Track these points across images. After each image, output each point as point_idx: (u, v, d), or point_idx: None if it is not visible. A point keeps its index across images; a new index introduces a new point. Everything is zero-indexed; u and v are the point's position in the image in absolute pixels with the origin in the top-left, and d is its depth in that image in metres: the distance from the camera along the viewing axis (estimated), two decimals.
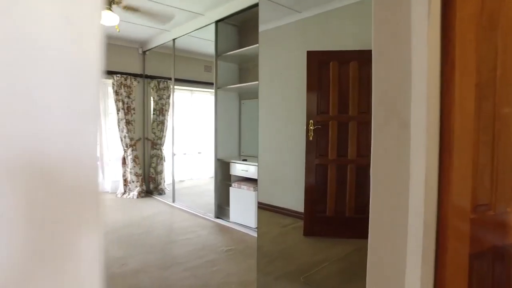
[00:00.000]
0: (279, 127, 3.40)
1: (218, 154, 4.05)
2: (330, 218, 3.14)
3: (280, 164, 3.48)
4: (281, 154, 3.48)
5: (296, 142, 3.34)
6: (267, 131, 3.49)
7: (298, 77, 3.27)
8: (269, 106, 3.43)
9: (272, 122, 3.44)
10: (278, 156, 3.51)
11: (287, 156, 3.43)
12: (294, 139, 3.34)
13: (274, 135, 3.47)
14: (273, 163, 3.54)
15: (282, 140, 3.42)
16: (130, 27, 4.52)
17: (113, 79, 5.07)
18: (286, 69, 3.39)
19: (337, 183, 3.12)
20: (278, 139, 3.45)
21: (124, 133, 5.17)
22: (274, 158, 3.50)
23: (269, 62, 3.42)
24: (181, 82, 5.36)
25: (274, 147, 3.52)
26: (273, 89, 3.41)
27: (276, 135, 3.45)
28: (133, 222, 3.80)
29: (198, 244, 3.10)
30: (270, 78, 3.40)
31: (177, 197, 4.80)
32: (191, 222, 3.86)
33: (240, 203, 3.67)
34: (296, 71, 3.30)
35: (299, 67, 3.22)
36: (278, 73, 3.42)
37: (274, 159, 3.52)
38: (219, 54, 3.97)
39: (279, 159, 3.51)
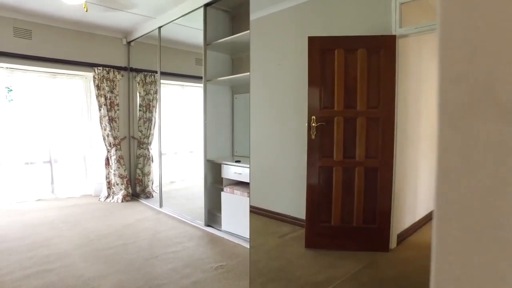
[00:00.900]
0: (276, 123, 2.99)
1: (208, 155, 3.64)
2: (335, 228, 2.75)
3: (277, 165, 3.07)
4: (279, 154, 3.06)
5: (296, 141, 2.93)
6: (263, 128, 3.08)
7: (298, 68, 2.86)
8: (265, 100, 3.01)
9: (269, 118, 3.03)
10: (275, 156, 3.09)
11: (285, 156, 3.02)
12: (294, 137, 2.93)
13: (271, 133, 3.05)
14: (269, 164, 3.12)
15: (280, 138, 3.01)
16: (110, 14, 4.08)
17: (94, 72, 4.62)
18: (284, 59, 2.96)
19: (344, 188, 2.73)
20: (275, 137, 3.04)
21: (107, 131, 4.74)
22: (271, 158, 3.09)
23: (264, 51, 3.00)
24: (170, 76, 4.92)
25: (271, 146, 3.10)
26: (269, 81, 2.99)
27: (273, 133, 3.04)
28: (112, 232, 3.38)
29: (183, 260, 2.69)
30: (265, 69, 2.98)
31: (165, 201, 4.39)
32: (178, 230, 3.44)
33: (232, 210, 3.27)
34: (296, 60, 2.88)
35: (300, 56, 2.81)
36: (275, 63, 3.00)
37: (270, 160, 3.10)
38: (209, 42, 3.54)
39: (276, 159, 3.09)
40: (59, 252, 2.84)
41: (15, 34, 4.14)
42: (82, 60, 4.60)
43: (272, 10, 3.01)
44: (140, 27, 4.61)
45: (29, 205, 4.39)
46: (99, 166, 4.96)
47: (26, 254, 2.80)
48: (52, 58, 4.37)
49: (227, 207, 3.33)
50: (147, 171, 5.07)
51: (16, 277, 2.40)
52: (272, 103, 2.99)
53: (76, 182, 4.95)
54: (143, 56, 4.97)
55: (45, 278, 2.37)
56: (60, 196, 4.81)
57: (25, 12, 4.05)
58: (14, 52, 4.12)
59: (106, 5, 3.76)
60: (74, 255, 2.79)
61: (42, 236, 3.23)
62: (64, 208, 4.29)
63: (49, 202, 4.56)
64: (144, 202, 4.74)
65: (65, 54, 4.48)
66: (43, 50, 4.32)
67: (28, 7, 3.89)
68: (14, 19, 4.11)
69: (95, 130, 4.92)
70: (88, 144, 5.04)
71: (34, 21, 4.24)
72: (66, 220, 3.74)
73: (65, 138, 4.88)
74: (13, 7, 3.89)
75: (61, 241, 3.11)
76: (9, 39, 4.10)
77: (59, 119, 4.82)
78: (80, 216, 3.91)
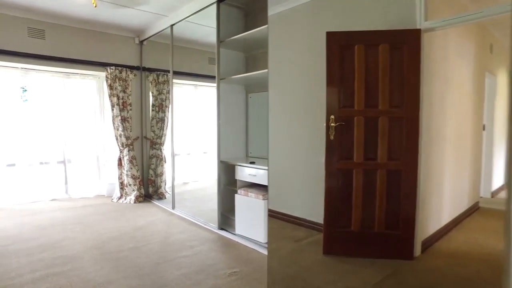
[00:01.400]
0: (293, 123, 2.85)
1: (222, 155, 3.53)
2: (355, 234, 2.59)
3: (293, 166, 2.93)
4: (295, 155, 2.92)
5: (313, 141, 2.79)
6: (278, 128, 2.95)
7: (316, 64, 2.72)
8: (281, 98, 2.88)
9: (284, 118, 2.89)
10: (291, 157, 2.96)
11: (302, 157, 2.88)
12: (311, 137, 2.79)
13: (287, 133, 2.92)
14: (285, 165, 2.99)
15: (297, 138, 2.87)
16: (122, 12, 4.03)
17: (107, 71, 4.58)
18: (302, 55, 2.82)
19: (364, 192, 2.57)
20: (291, 137, 2.90)
21: (120, 131, 4.69)
22: (286, 159, 2.95)
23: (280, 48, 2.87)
24: (183, 75, 4.85)
25: (286, 147, 2.97)
26: (286, 79, 2.86)
27: (289, 133, 2.91)
28: (123, 234, 3.31)
29: (195, 265, 2.58)
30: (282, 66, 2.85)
31: (178, 203, 4.30)
32: (191, 233, 3.34)
33: (247, 213, 3.15)
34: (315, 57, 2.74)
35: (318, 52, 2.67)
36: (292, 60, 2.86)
37: (286, 160, 2.97)
38: (222, 39, 3.44)
39: (292, 160, 2.96)
40: (69, 255, 2.78)
41: (29, 34, 4.14)
42: (95, 59, 4.57)
43: (290, 6, 2.88)
44: (152, 26, 4.55)
45: (42, 205, 4.38)
46: (112, 167, 4.92)
47: (37, 256, 2.75)
48: (65, 58, 4.35)
49: (241, 210, 3.21)
50: (159, 172, 5.00)
51: (25, 280, 2.34)
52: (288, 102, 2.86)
53: (89, 183, 4.93)
54: (156, 55, 4.91)
55: (54, 282, 2.30)
56: (73, 196, 4.80)
57: (38, 12, 4.04)
58: (28, 52, 4.11)
59: (116, 2, 3.71)
60: (84, 258, 2.72)
61: (53, 238, 3.18)
62: (77, 208, 4.25)
63: (62, 202, 4.54)
64: (156, 203, 4.67)
65: (78, 53, 4.46)
66: (56, 50, 4.30)
67: (41, 6, 3.87)
68: (28, 19, 4.10)
69: (108, 130, 4.88)
70: (101, 144, 5.01)
71: (47, 21, 4.22)
72: (78, 222, 3.69)
73: (78, 138, 4.86)
74: (26, 6, 3.88)
75: (72, 243, 3.05)
76: (24, 39, 4.10)
77: (72, 119, 4.81)
78: (92, 217, 3.86)
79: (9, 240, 3.13)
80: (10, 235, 3.25)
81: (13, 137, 4.38)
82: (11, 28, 4.01)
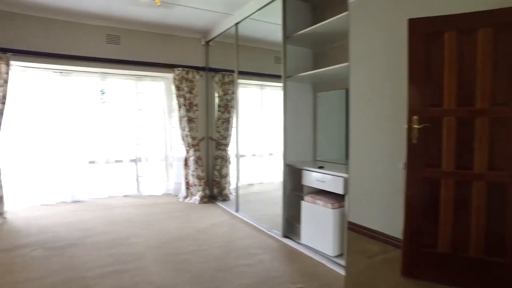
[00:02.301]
0: (368, 124, 2.53)
1: (288, 158, 3.32)
2: (443, 256, 2.19)
3: (367, 171, 2.60)
4: (368, 159, 2.59)
5: (390, 145, 2.44)
6: (353, 129, 2.66)
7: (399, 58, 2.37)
8: (355, 96, 2.58)
9: (359, 118, 2.58)
10: (364, 161, 2.63)
11: (377, 162, 2.54)
12: (388, 140, 2.45)
13: (361, 135, 2.60)
14: (357, 170, 2.67)
15: (372, 141, 2.54)
16: (189, 13, 4.07)
17: (174, 73, 4.69)
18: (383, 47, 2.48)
19: (456, 207, 2.15)
20: (365, 140, 2.58)
21: (186, 132, 4.77)
22: (360, 163, 2.63)
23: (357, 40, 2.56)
24: (249, 75, 4.76)
25: (360, 150, 2.65)
26: (363, 75, 2.54)
27: (363, 135, 2.59)
28: (186, 235, 3.29)
29: (257, 276, 2.42)
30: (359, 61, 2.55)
31: (242, 205, 4.21)
32: (254, 239, 3.20)
33: (314, 222, 2.90)
34: (397, 48, 2.39)
35: (398, 44, 2.33)
36: (369, 53, 2.54)
37: (357, 165, 2.64)
38: (288, 35, 3.23)
39: (365, 164, 2.63)
40: (134, 253, 2.82)
41: (107, 40, 4.40)
42: (164, 61, 4.72)
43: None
44: (218, 26, 4.53)
45: (116, 201, 4.64)
46: (179, 166, 5.04)
47: (107, 251, 2.85)
48: (137, 61, 4.56)
49: (308, 218, 2.97)
50: (224, 173, 4.98)
51: (95, 274, 2.41)
52: (364, 99, 2.54)
53: (158, 181, 5.11)
54: (221, 56, 4.89)
55: (119, 280, 2.32)
56: (143, 194, 5.01)
57: (115, 19, 4.29)
58: (106, 57, 4.38)
59: (181, 2, 3.75)
60: (147, 257, 2.74)
61: (122, 234, 3.29)
62: (146, 206, 4.41)
63: (133, 199, 4.77)
64: (220, 205, 4.64)
65: (149, 56, 4.64)
66: (130, 54, 4.52)
67: (117, 14, 4.09)
68: (106, 27, 4.38)
69: (176, 130, 5.01)
70: (169, 144, 5.16)
71: (122, 27, 4.46)
72: (145, 219, 3.80)
73: (149, 138, 5.06)
74: (105, 15, 4.14)
75: (138, 241, 3.12)
76: (102, 45, 4.38)
77: (143, 120, 5.03)
78: (158, 216, 3.96)
79: (87, 232, 3.33)
80: (88, 228, 3.46)
81: (93, 136, 4.71)
82: (92, 37, 4.31)
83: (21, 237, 3.19)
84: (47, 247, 2.93)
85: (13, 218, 3.79)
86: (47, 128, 4.41)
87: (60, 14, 4.06)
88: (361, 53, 2.47)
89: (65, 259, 2.67)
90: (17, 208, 4.14)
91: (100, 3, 3.79)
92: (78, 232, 3.32)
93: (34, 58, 3.99)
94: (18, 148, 4.25)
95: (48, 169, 4.43)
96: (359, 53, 2.48)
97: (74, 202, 4.52)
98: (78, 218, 3.80)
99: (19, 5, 3.79)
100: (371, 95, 2.45)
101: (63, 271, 2.46)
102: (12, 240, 3.10)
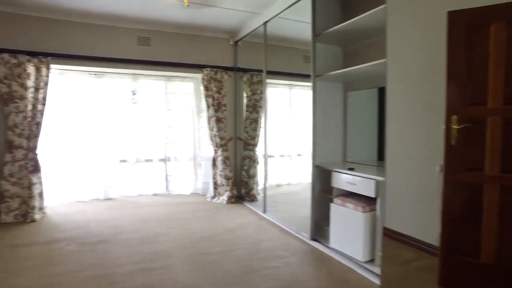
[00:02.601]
0: (403, 124, 2.39)
1: (317, 159, 3.23)
2: (487, 267, 2.02)
3: (400, 172, 2.46)
4: (401, 160, 2.45)
5: (426, 146, 2.30)
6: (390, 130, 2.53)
7: (435, 54, 2.23)
8: (394, 95, 2.45)
9: (394, 117, 2.45)
10: (398, 161, 2.49)
11: (409, 163, 2.39)
12: (424, 141, 2.30)
13: (397, 136, 2.47)
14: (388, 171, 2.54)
15: (404, 141, 2.40)
16: (217, 14, 4.08)
17: (203, 73, 4.72)
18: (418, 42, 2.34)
19: (501, 214, 1.98)
20: (401, 142, 2.44)
21: (214, 132, 4.78)
22: (391, 164, 2.50)
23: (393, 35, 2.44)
24: (277, 75, 4.71)
25: (394, 150, 2.51)
26: (399, 72, 2.41)
27: (399, 136, 2.45)
28: (213, 235, 3.29)
29: (284, 279, 2.36)
30: (398, 56, 2.42)
31: (269, 206, 4.16)
32: (281, 241, 3.14)
33: (343, 225, 2.79)
34: (434, 44, 2.25)
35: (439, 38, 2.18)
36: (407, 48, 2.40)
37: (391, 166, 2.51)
38: (318, 33, 3.14)
39: (396, 165, 2.49)
40: (162, 251, 2.85)
41: (138, 42, 4.51)
42: (193, 62, 4.76)
43: None
44: (246, 25, 4.51)
45: (146, 199, 4.75)
46: (207, 166, 5.07)
47: (136, 248, 2.90)
48: (167, 62, 4.63)
49: (337, 221, 2.87)
50: (252, 173, 4.96)
51: (125, 271, 2.46)
52: (399, 98, 2.41)
53: (186, 181, 5.17)
54: (250, 56, 4.87)
55: (147, 278, 2.35)
56: (172, 193, 5.09)
57: (145, 22, 4.39)
58: (137, 59, 4.49)
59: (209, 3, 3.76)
60: (175, 256, 2.75)
61: (151, 232, 3.34)
62: (174, 205, 4.47)
63: (162, 198, 4.85)
64: (248, 205, 4.62)
65: (178, 57, 4.70)
66: (160, 55, 4.61)
67: (147, 16, 4.18)
68: (137, 29, 4.49)
69: (204, 130, 5.05)
70: (198, 144, 5.21)
71: (152, 28, 4.55)
72: (173, 218, 3.85)
73: (177, 138, 5.13)
74: (136, 18, 4.25)
75: (166, 239, 3.15)
76: (134, 47, 4.49)
77: (173, 120, 5.11)
78: (186, 215, 3.99)
79: (118, 229, 3.41)
80: (119, 225, 3.55)
81: (125, 136, 4.85)
82: (124, 39, 4.43)
83: (58, 231, 3.33)
84: (80, 242, 3.04)
85: (52, 213, 3.97)
86: (82, 128, 4.59)
87: (95, 18, 4.21)
88: (399, 49, 2.34)
89: (97, 255, 2.75)
90: (55, 203, 4.34)
91: (134, 7, 3.89)
92: (109, 229, 3.41)
93: (71, 61, 4.16)
94: (56, 147, 4.44)
95: (82, 167, 4.60)
96: (397, 49, 2.35)
97: (106, 199, 4.67)
98: (109, 215, 3.91)
99: (58, 11, 3.97)
100: (408, 92, 2.32)
101: (95, 267, 2.52)
102: (50, 234, 3.25)
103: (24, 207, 3.76)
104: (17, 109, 3.76)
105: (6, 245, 2.97)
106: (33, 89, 3.84)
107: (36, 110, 3.85)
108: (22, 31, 3.92)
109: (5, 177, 3.72)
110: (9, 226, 3.51)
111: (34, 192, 3.78)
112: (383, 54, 2.44)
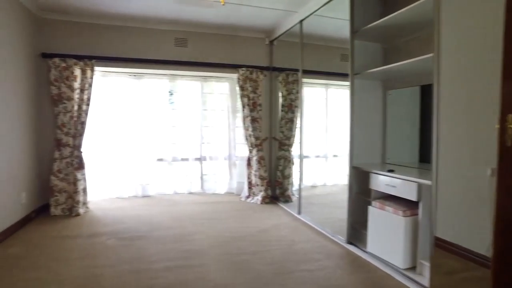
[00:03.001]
0: (453, 124, 2.23)
1: (354, 161, 3.12)
2: None
3: (445, 175, 2.30)
4: (446, 162, 2.29)
5: (475, 147, 2.12)
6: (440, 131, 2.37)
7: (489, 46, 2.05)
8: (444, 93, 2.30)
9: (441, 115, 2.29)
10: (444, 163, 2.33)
11: (456, 165, 2.22)
12: (473, 142, 2.12)
13: (446, 137, 2.31)
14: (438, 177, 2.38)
15: (457, 144, 2.24)
16: (253, 13, 4.08)
17: (238, 73, 4.74)
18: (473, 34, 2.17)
19: None
20: (450, 143, 2.28)
21: (250, 132, 4.78)
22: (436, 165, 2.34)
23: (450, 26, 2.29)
24: (314, 74, 4.61)
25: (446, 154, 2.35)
26: (450, 68, 2.25)
27: (448, 137, 2.29)
28: (247, 235, 3.28)
29: (318, 283, 2.28)
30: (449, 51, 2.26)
31: (304, 207, 4.08)
32: (316, 244, 3.06)
33: (382, 229, 2.66)
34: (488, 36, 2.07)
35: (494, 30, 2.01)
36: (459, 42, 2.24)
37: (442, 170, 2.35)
38: (356, 30, 3.03)
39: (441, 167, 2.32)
40: (197, 249, 2.88)
41: (175, 44, 4.62)
42: (229, 62, 4.80)
43: None
44: (281, 24, 4.47)
45: (181, 197, 4.84)
46: (242, 166, 5.08)
47: (171, 246, 2.95)
48: (204, 63, 4.70)
49: (375, 225, 2.74)
50: (287, 173, 4.90)
51: (160, 267, 2.50)
52: (450, 96, 2.25)
53: (221, 180, 5.21)
54: (285, 55, 4.82)
55: (180, 275, 2.37)
56: (207, 192, 5.15)
57: (182, 23, 4.49)
58: (174, 60, 4.60)
59: (245, 2, 3.76)
60: (209, 255, 2.77)
61: (185, 230, 3.40)
62: (209, 204, 4.52)
63: (197, 197, 4.93)
64: (282, 206, 4.57)
65: (214, 57, 4.76)
66: (196, 56, 4.69)
67: (184, 17, 4.27)
68: (174, 30, 4.60)
69: (239, 130, 5.06)
70: (233, 144, 5.23)
71: (189, 30, 4.64)
72: (208, 217, 3.89)
73: (213, 138, 5.19)
74: (173, 19, 4.36)
75: (200, 237, 3.18)
76: (171, 48, 4.61)
77: (208, 120, 5.17)
78: (220, 214, 4.02)
79: (154, 226, 3.51)
80: (155, 222, 3.65)
81: (162, 135, 4.98)
82: (161, 41, 4.56)
83: (99, 226, 3.48)
84: (119, 237, 3.15)
85: (94, 208, 4.17)
86: (123, 127, 4.78)
87: (134, 22, 4.38)
88: (452, 42, 2.17)
89: (134, 250, 2.83)
90: (97, 199, 4.55)
91: (172, 9, 3.99)
92: (146, 226, 3.51)
93: (112, 63, 4.35)
94: (99, 145, 4.66)
95: (122, 165, 4.79)
96: (450, 42, 2.19)
97: (143, 196, 4.83)
98: (146, 212, 4.03)
99: (101, 16, 4.18)
100: (460, 89, 2.15)
101: (132, 262, 2.60)
102: (92, 228, 3.41)
103: (70, 202, 3.98)
104: (65, 109, 4.00)
105: (55, 236, 3.16)
106: (78, 90, 4.07)
107: (81, 110, 4.07)
108: (70, 36, 4.17)
109: (54, 173, 3.97)
110: (58, 219, 3.74)
111: (79, 188, 3.99)
112: (427, 49, 2.30)
